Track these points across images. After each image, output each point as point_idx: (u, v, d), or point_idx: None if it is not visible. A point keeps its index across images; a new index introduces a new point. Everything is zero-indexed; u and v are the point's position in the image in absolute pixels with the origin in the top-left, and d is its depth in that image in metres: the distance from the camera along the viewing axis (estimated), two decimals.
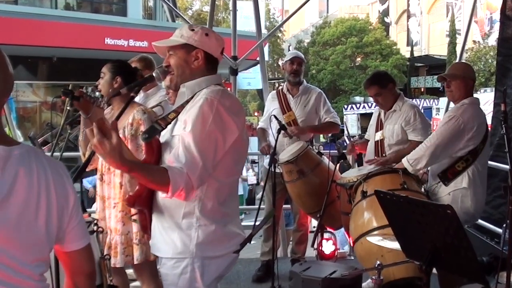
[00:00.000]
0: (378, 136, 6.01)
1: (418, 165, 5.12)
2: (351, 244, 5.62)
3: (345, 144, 7.41)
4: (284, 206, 7.16)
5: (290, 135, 6.33)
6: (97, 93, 4.44)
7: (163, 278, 3.26)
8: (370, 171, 5.21)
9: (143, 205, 3.23)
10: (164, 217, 3.18)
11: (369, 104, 30.00)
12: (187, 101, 3.19)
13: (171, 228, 3.15)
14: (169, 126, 3.19)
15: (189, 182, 2.91)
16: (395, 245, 3.51)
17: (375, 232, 4.51)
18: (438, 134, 5.17)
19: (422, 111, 6.10)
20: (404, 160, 5.21)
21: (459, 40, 35.86)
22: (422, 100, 34.19)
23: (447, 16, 45.87)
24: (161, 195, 3.10)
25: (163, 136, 3.24)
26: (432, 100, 33.27)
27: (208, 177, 3.03)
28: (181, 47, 3.25)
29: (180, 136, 3.03)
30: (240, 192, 15.69)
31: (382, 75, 6.22)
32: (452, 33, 41.78)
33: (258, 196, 13.97)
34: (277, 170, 6.12)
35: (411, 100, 6.37)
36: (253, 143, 20.61)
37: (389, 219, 3.47)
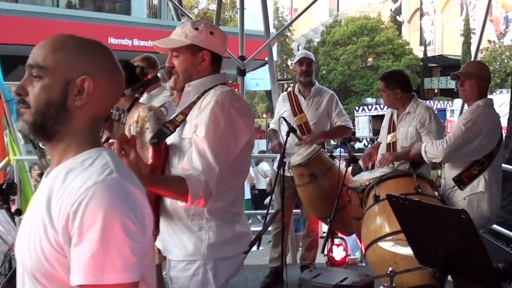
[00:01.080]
0: (390, 138, 6.00)
1: (433, 160, 5.19)
2: (363, 251, 5.61)
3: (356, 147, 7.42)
4: (294, 211, 7.15)
5: (300, 138, 6.32)
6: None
7: (173, 281, 3.26)
8: (382, 174, 5.20)
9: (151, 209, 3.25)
10: (173, 220, 3.21)
11: (381, 106, 29.99)
12: (194, 102, 3.19)
13: (181, 231, 3.17)
14: (177, 128, 3.20)
15: (208, 189, 2.94)
16: (408, 251, 3.51)
17: (388, 238, 4.49)
18: (456, 137, 5.15)
19: (436, 112, 6.08)
20: (422, 149, 5.23)
21: (474, 39, 35.81)
22: (436, 101, 34.15)
23: (461, 15, 45.81)
24: (179, 204, 3.10)
25: (170, 138, 3.25)
26: (446, 102, 33.21)
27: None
28: (186, 48, 3.23)
29: (193, 141, 3.04)
30: (247, 196, 15.64)
31: (395, 75, 6.20)
32: (467, 32, 41.71)
33: (266, 200, 13.96)
34: (287, 174, 6.12)
35: (425, 101, 6.35)
36: (262, 146, 20.64)
37: (401, 224, 3.47)
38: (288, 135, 5.97)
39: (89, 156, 1.79)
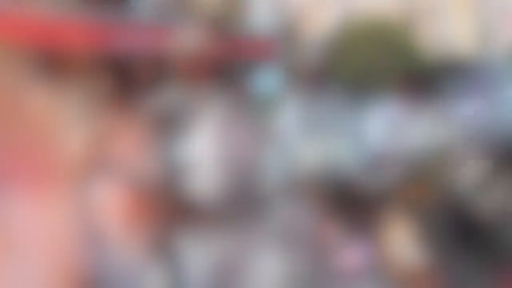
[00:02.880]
0: None
1: None
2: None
3: None
4: None
5: None
6: None
7: None
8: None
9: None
10: None
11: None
12: (198, 109, 3.21)
13: None
14: (183, 137, 3.22)
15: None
16: (423, 258, 3.52)
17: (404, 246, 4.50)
18: None
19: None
20: None
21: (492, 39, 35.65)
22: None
23: (477, 13, 45.74)
24: None
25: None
26: None
27: None
28: (188, 50, 3.25)
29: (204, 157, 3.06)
30: None
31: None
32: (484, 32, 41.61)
33: None
34: None
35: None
36: None
37: (416, 231, 3.48)
38: None
39: None
